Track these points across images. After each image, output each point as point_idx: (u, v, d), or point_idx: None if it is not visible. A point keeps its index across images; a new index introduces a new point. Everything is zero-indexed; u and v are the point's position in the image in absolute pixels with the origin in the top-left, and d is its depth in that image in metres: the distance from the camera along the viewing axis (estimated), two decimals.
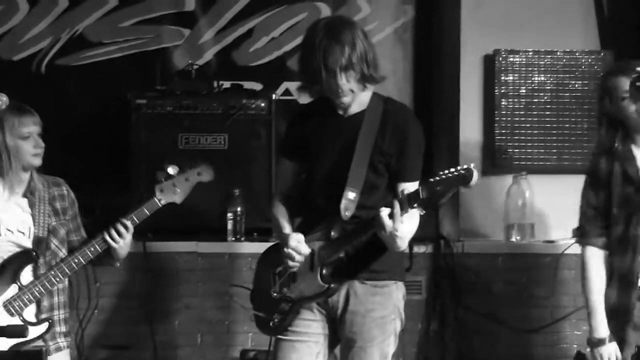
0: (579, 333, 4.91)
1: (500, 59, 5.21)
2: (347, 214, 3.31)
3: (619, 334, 3.52)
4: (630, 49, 5.13)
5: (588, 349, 3.61)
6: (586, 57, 5.21)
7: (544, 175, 5.25)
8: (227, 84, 5.27)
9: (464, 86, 5.30)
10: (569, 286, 4.90)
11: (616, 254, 3.53)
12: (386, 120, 3.37)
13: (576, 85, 5.21)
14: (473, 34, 5.27)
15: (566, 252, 4.98)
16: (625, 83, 3.45)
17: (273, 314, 3.47)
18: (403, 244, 3.28)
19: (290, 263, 3.37)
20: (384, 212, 3.16)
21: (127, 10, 5.51)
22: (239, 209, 4.92)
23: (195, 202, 4.86)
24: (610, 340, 3.52)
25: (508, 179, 5.17)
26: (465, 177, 3.05)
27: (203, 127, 5.06)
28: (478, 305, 4.96)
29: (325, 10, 5.54)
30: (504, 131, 5.22)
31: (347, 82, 3.28)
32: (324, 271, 3.35)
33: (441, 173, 3.10)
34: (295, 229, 3.46)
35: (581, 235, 3.65)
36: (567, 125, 5.20)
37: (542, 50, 5.22)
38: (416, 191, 3.13)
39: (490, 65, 5.24)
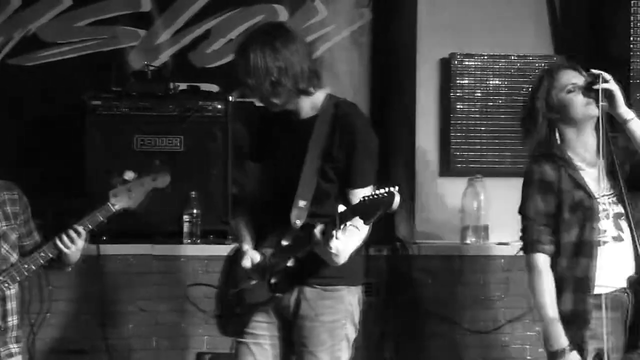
0: (531, 333, 4.98)
1: (456, 62, 5.25)
2: (297, 222, 3.28)
3: (577, 342, 3.39)
4: (582, 54, 5.20)
5: None
6: (540, 61, 5.26)
7: (498, 177, 5.28)
8: (183, 86, 5.24)
9: (420, 89, 5.32)
10: (522, 287, 4.93)
11: (570, 260, 3.44)
12: (335, 125, 3.32)
13: (530, 89, 5.25)
14: (429, 38, 5.30)
15: (520, 253, 5.02)
16: (571, 75, 3.44)
17: (230, 314, 3.47)
18: (339, 259, 3.25)
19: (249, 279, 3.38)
20: (318, 229, 3.14)
21: (81, 10, 5.46)
22: (195, 211, 4.90)
23: (151, 204, 4.85)
24: (570, 350, 3.39)
25: (463, 182, 5.20)
26: (386, 201, 3.00)
27: (159, 128, 5.02)
28: (434, 307, 4.99)
29: (283, 13, 5.54)
30: (459, 134, 5.25)
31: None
32: (272, 280, 3.33)
33: (368, 195, 3.05)
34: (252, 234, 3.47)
35: (531, 242, 3.51)
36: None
37: (497, 54, 5.26)
38: (349, 209, 3.09)
39: (446, 68, 5.28)
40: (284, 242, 3.30)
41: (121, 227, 4.81)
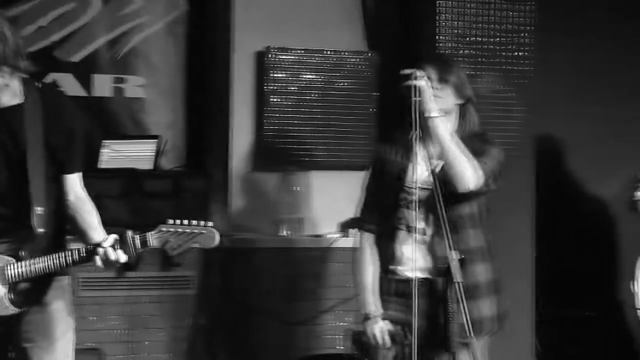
0: (342, 324, 5.07)
1: (271, 56, 5.27)
2: (40, 230, 3.07)
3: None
4: (393, 51, 5.35)
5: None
6: (353, 57, 5.36)
7: (312, 171, 5.36)
8: None
9: (236, 82, 5.31)
10: (336, 279, 5.05)
11: (382, 242, 3.65)
12: (47, 112, 3.12)
13: (343, 84, 5.36)
14: (245, 30, 5.29)
15: (333, 245, 5.12)
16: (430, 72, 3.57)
17: None
18: None
19: None
20: (108, 248, 3.02)
21: None
22: None
23: None
24: (383, 318, 3.62)
25: (278, 175, 5.25)
26: (206, 237, 2.91)
27: None
28: (249, 299, 5.01)
29: (96, 2, 5.42)
30: (274, 127, 5.28)
31: None
32: (12, 296, 3.09)
33: (178, 223, 2.93)
34: None
35: (359, 220, 3.75)
36: (335, 123, 5.33)
37: (312, 49, 5.33)
38: (144, 236, 2.99)
39: (261, 61, 5.29)
40: (24, 254, 3.08)
41: None
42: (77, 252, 3.10)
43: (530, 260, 5.16)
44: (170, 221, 2.96)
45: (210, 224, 2.94)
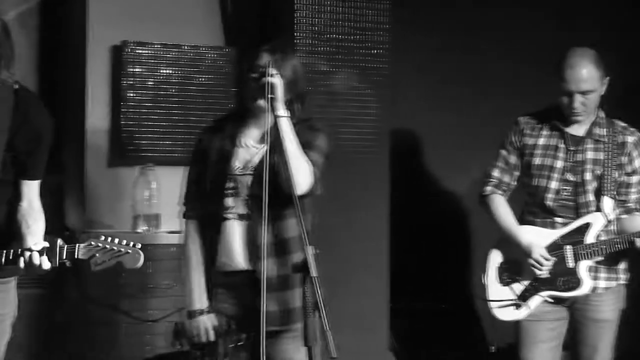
0: None
1: (128, 50, 5.21)
2: None
3: (217, 310, 3.65)
4: (252, 47, 5.35)
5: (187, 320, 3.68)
6: (211, 52, 5.35)
7: (170, 166, 5.32)
8: None
9: (91, 76, 5.23)
10: None
11: (204, 232, 3.65)
12: (18, 114, 3.17)
13: (201, 80, 5.34)
14: (100, 24, 5.21)
15: None
16: (260, 58, 3.61)
17: None
18: None
19: None
20: (34, 252, 3.06)
21: None
22: None
23: None
24: (207, 312, 3.62)
25: (135, 170, 5.20)
26: (131, 257, 3.10)
27: None
28: (101, 296, 4.94)
29: None
30: (130, 122, 5.22)
31: None
32: None
33: (108, 239, 3.07)
34: None
35: (182, 208, 3.74)
36: (193, 118, 5.31)
37: (169, 43, 5.29)
38: (73, 247, 3.09)
39: (118, 56, 5.22)
40: None
41: None
42: (4, 253, 3.12)
43: (385, 255, 5.26)
44: (102, 237, 3.12)
45: (138, 245, 3.12)
